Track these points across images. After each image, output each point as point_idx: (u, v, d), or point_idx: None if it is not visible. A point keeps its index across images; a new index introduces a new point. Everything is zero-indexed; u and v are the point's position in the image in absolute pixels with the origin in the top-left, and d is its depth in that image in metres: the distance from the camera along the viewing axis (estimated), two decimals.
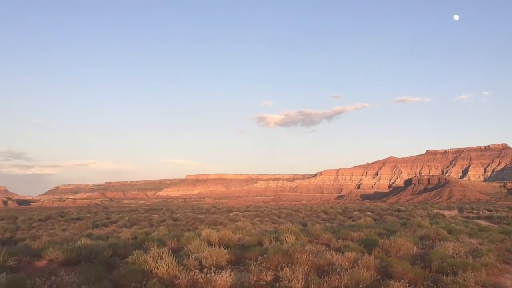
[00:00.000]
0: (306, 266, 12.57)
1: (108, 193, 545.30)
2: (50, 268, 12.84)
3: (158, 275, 11.31)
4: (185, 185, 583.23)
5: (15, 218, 63.05)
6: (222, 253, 14.05)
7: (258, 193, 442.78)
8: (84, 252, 14.53)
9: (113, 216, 65.96)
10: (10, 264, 12.82)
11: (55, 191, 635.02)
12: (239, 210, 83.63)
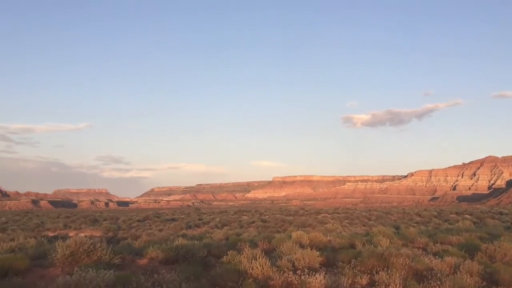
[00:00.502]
0: (402, 270, 12.11)
1: (199, 195, 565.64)
2: (151, 266, 13.56)
3: (252, 276, 11.49)
4: (272, 187, 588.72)
5: (116, 219, 67.55)
6: (314, 255, 13.97)
7: (346, 195, 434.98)
8: (181, 251, 15.16)
9: (204, 217, 68.30)
10: (115, 262, 13.68)
11: (151, 193, 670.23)
12: (328, 212, 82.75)
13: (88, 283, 9.28)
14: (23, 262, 12.66)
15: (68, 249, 13.61)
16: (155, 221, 60.53)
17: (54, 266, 13.43)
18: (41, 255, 15.63)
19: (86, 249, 13.87)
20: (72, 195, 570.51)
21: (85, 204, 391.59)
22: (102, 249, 14.13)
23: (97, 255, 13.86)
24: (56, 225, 53.61)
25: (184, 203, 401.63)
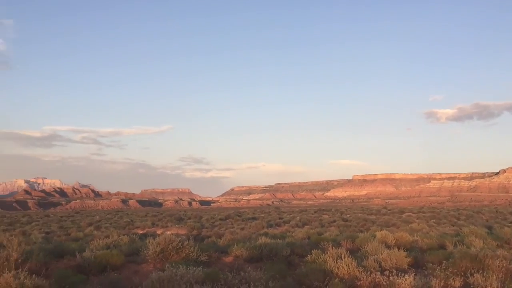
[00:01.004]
0: (500, 273, 11.36)
1: (278, 194, 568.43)
2: (237, 264, 13.83)
3: (338, 275, 11.34)
4: (352, 185, 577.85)
5: (199, 217, 69.80)
6: (402, 256, 13.52)
7: (432, 193, 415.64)
8: (265, 250, 15.33)
9: (285, 216, 68.61)
10: (202, 259, 14.12)
11: (231, 192, 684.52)
12: (412, 211, 79.75)
13: (179, 279, 9.65)
14: (119, 258, 13.45)
15: (159, 247, 14.27)
16: (236, 220, 61.77)
17: (147, 262, 14.14)
18: (134, 252, 16.49)
19: (175, 246, 14.45)
20: (157, 195, 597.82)
21: (170, 203, 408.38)
22: (190, 246, 14.65)
23: (185, 252, 14.39)
24: (144, 223, 56.48)
25: (263, 202, 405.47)
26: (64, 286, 9.56)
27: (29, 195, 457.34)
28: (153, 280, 9.69)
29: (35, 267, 11.99)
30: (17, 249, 13.03)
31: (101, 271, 12.56)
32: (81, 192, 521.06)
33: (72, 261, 13.92)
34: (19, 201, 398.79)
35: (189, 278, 9.92)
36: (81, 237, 33.54)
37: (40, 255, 13.59)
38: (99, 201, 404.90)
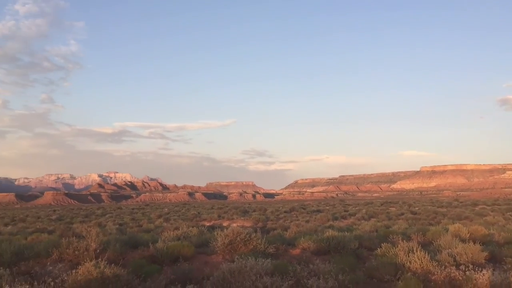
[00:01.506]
0: None
1: (342, 186, 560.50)
2: (304, 256, 13.81)
3: (411, 270, 11.02)
4: (420, 177, 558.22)
5: (264, 210, 70.36)
6: (478, 250, 12.90)
7: (507, 184, 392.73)
8: (332, 243, 15.20)
9: (350, 209, 67.60)
10: (270, 251, 14.24)
11: (295, 185, 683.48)
12: (486, 203, 75.94)
13: (249, 270, 9.79)
14: (189, 249, 13.86)
15: (227, 238, 14.55)
16: (301, 213, 61.67)
17: (216, 253, 14.47)
18: (203, 243, 16.94)
19: (243, 238, 14.68)
20: (222, 188, 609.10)
21: (234, 196, 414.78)
22: (257, 238, 14.82)
23: (253, 244, 14.58)
24: (211, 216, 57.77)
25: (327, 195, 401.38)
26: (140, 275, 9.98)
27: (102, 188, 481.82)
28: (224, 271, 9.89)
29: (113, 256, 12.62)
30: (95, 239, 13.78)
31: (173, 261, 13.00)
32: (150, 185, 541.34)
33: (146, 252, 14.51)
34: (94, 194, 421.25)
35: (258, 269, 10.03)
36: (152, 228, 34.87)
37: (116, 246, 14.28)
38: (167, 194, 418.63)
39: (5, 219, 60.85)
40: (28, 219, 60.06)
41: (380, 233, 20.93)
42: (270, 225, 38.35)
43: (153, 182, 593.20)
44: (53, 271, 10.56)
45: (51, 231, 31.16)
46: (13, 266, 12.13)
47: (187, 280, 10.13)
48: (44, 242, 15.49)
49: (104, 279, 9.19)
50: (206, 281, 9.99)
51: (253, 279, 9.47)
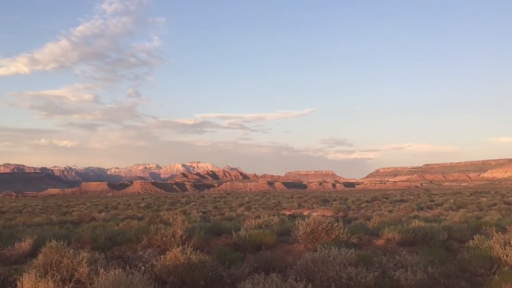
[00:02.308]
0: None
1: (427, 175, 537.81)
2: (389, 247, 13.36)
3: (508, 263, 10.25)
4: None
5: (345, 199, 69.30)
6: None
7: None
8: (419, 233, 14.56)
9: (436, 199, 64.65)
10: (353, 241, 13.94)
11: (376, 174, 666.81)
12: None
13: (332, 260, 9.63)
14: (271, 238, 13.94)
15: (309, 227, 14.44)
16: (383, 202, 59.98)
17: (297, 242, 14.42)
18: (284, 232, 16.97)
19: (325, 227, 14.49)
20: (301, 177, 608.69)
21: (314, 185, 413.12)
22: (339, 228, 14.57)
23: (335, 234, 14.35)
24: (291, 205, 57.91)
25: (411, 184, 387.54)
26: (224, 262, 10.18)
27: (186, 177, 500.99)
28: (307, 260, 9.81)
29: (198, 243, 13.01)
30: (181, 226, 14.28)
31: (255, 249, 13.14)
32: (230, 175, 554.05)
33: (229, 239, 14.81)
34: (178, 183, 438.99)
35: (342, 259, 9.83)
36: (234, 217, 35.58)
37: (201, 233, 14.71)
38: (247, 183, 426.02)
39: (99, 206, 65.20)
40: (119, 207, 63.91)
41: (471, 224, 19.77)
42: (352, 215, 37.62)
43: (233, 172, 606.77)
44: (143, 256, 11.09)
45: (140, 218, 32.81)
46: (107, 250, 12.91)
47: (270, 268, 10.17)
48: (135, 228, 16.33)
49: (190, 265, 9.47)
50: (289, 269, 9.97)
51: (337, 269, 9.29)
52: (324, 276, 9.17)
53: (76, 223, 29.70)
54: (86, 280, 8.59)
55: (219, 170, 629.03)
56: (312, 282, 8.41)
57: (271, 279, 8.01)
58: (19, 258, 12.29)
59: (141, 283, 8.01)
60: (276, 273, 8.45)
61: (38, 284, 7.92)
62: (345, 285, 8.76)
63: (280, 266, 10.67)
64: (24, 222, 28.60)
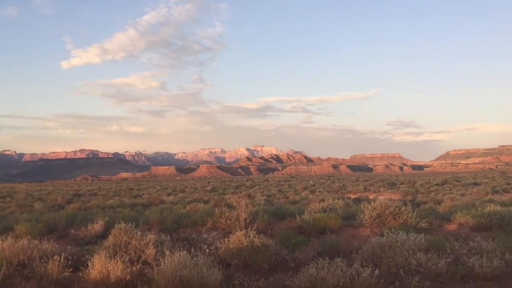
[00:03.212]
0: None
1: (503, 157, 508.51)
2: (462, 233, 12.66)
3: None
4: None
5: (413, 182, 67.04)
6: None
7: None
8: (495, 218, 13.71)
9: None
10: (422, 226, 13.35)
11: (446, 156, 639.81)
12: None
13: (400, 246, 9.24)
14: (336, 222, 13.66)
15: (375, 211, 14.01)
16: (455, 185, 57.42)
17: (363, 226, 14.03)
18: (349, 216, 16.61)
19: (392, 211, 14.00)
20: (367, 160, 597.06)
21: (380, 168, 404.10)
22: (408, 212, 14.02)
23: (403, 218, 13.83)
24: (356, 188, 56.89)
25: (485, 166, 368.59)
26: (288, 245, 10.07)
27: (250, 161, 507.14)
28: (374, 245, 9.48)
29: (261, 227, 13.02)
30: (245, 210, 14.34)
31: (320, 233, 12.93)
32: (294, 158, 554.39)
33: (293, 223, 14.70)
34: (242, 167, 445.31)
35: (410, 245, 9.41)
36: (298, 200, 35.46)
37: (264, 216, 14.71)
38: (311, 167, 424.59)
39: (168, 190, 67.52)
40: (186, 190, 65.80)
41: None
42: (420, 199, 36.27)
43: (297, 155, 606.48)
44: (208, 239, 11.23)
45: (206, 201, 33.53)
46: (173, 232, 13.23)
47: (335, 252, 9.93)
48: (200, 211, 16.65)
49: (254, 248, 9.45)
50: (354, 254, 9.69)
51: (406, 255, 8.90)
52: (392, 262, 8.81)
53: (146, 205, 30.88)
54: (153, 262, 8.80)
55: (283, 153, 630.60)
56: (379, 268, 8.08)
57: (335, 264, 7.79)
58: (91, 239, 12.88)
59: (205, 265, 8.08)
60: (341, 258, 8.21)
61: (108, 264, 8.20)
62: (414, 271, 8.36)
63: (345, 251, 10.41)
64: (98, 205, 30.12)
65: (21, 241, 9.84)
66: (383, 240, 9.48)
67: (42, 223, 13.96)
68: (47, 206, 32.05)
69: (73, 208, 26.01)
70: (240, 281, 7.89)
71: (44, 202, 37.36)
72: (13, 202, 37.76)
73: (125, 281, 8.02)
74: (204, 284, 7.76)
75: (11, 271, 8.40)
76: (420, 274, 8.13)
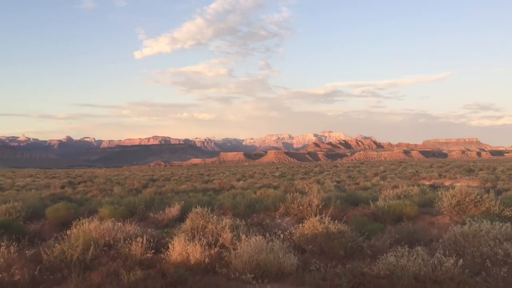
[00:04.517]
0: None
1: None
2: None
3: None
4: None
5: (493, 169, 63.45)
6: None
7: None
8: None
9: None
10: (506, 214, 12.62)
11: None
12: None
13: (485, 235, 8.76)
14: (412, 209, 13.20)
15: (454, 199, 13.39)
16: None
17: (441, 214, 13.47)
18: (425, 203, 16.02)
19: (473, 199, 13.32)
20: (441, 145, 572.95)
21: (455, 154, 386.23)
22: (490, 200, 13.28)
23: (485, 206, 13.13)
24: (430, 174, 54.74)
25: None
26: (363, 232, 9.88)
27: (318, 147, 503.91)
28: (456, 233, 9.06)
29: (334, 213, 12.85)
30: (317, 195, 14.25)
31: (395, 221, 12.58)
32: (363, 144, 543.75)
33: (366, 209, 14.40)
34: (310, 152, 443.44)
35: (495, 234, 8.89)
36: (369, 186, 34.77)
37: (337, 202, 14.54)
38: (381, 152, 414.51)
39: (237, 175, 68.66)
40: (255, 176, 66.55)
41: None
42: (501, 186, 34.26)
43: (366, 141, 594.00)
44: (281, 224, 11.29)
45: (276, 187, 33.72)
46: (247, 217, 13.43)
47: (413, 240, 9.62)
48: (271, 196, 16.73)
49: (329, 234, 9.36)
50: (434, 243, 9.32)
51: (491, 245, 8.42)
52: (476, 251, 8.38)
53: (217, 190, 31.61)
54: (230, 245, 8.98)
55: (352, 139, 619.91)
56: (462, 257, 7.71)
57: (416, 252, 7.53)
58: (169, 222, 13.38)
59: (281, 250, 8.13)
60: (421, 247, 7.93)
61: (187, 247, 8.47)
62: (502, 262, 7.90)
63: (424, 239, 10.03)
64: (172, 189, 31.24)
65: (105, 223, 10.40)
66: (466, 229, 9.02)
67: (123, 207, 14.67)
68: (125, 190, 33.68)
69: (149, 193, 27.11)
70: (317, 266, 7.86)
71: (122, 187, 39.28)
72: (94, 186, 40.05)
73: (204, 263, 8.24)
74: (281, 269, 7.82)
75: (98, 251, 8.91)
76: (508, 265, 7.68)
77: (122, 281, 7.16)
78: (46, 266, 8.15)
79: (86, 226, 9.98)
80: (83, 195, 28.58)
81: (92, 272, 7.74)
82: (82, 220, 10.37)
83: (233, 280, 7.55)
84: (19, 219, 13.14)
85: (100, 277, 7.36)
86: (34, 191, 33.88)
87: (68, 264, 8.23)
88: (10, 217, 12.98)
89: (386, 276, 7.21)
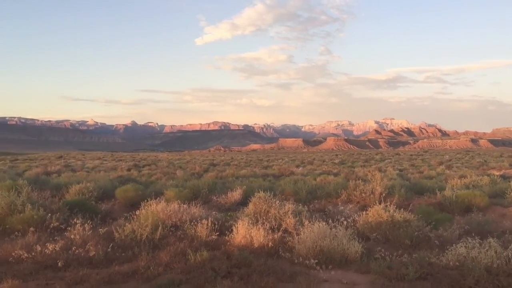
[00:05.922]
0: None
1: None
2: None
3: None
4: None
5: None
6: None
7: None
8: None
9: None
10: None
11: None
12: None
13: None
14: (482, 199, 12.67)
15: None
16: None
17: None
18: (497, 194, 15.31)
19: None
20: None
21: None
22: None
23: None
24: (500, 164, 52.06)
25: None
26: (430, 222, 9.58)
27: (379, 134, 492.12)
28: None
29: (398, 201, 12.55)
30: (380, 183, 13.96)
31: (464, 211, 12.12)
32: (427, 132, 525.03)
33: (432, 199, 13.97)
34: (371, 140, 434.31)
35: None
36: (434, 175, 33.54)
37: (401, 191, 14.20)
38: (447, 141, 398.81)
39: (296, 162, 68.46)
40: (314, 162, 66.03)
41: None
42: None
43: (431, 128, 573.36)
44: (344, 211, 11.19)
45: (336, 174, 33.30)
46: (308, 203, 13.41)
47: (484, 232, 9.22)
48: (333, 183, 16.59)
49: (394, 223, 9.17)
50: (508, 235, 8.88)
51: None
52: None
53: (277, 176, 31.67)
54: (293, 230, 9.01)
55: (415, 126, 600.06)
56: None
57: (488, 244, 7.22)
58: (231, 206, 13.64)
59: (345, 237, 8.06)
60: (495, 238, 7.58)
61: (251, 231, 8.59)
62: None
63: (496, 231, 9.58)
64: (233, 174, 31.66)
65: (172, 205, 10.76)
66: None
67: (188, 189, 15.09)
68: (187, 174, 34.54)
69: (211, 177, 27.65)
70: (382, 255, 7.72)
71: (184, 170, 40.30)
72: (158, 170, 41.37)
73: (267, 247, 8.33)
74: (345, 256, 7.75)
75: (166, 232, 9.24)
76: None
77: (189, 261, 7.39)
78: (118, 244, 8.55)
79: (153, 207, 10.36)
80: (148, 178, 29.56)
81: (160, 251, 8.05)
82: (150, 201, 10.78)
83: (297, 265, 7.58)
84: (91, 199, 13.86)
85: (168, 256, 7.64)
86: (103, 172, 35.48)
87: (138, 243, 8.61)
88: (83, 197, 13.73)
89: (455, 267, 6.96)
